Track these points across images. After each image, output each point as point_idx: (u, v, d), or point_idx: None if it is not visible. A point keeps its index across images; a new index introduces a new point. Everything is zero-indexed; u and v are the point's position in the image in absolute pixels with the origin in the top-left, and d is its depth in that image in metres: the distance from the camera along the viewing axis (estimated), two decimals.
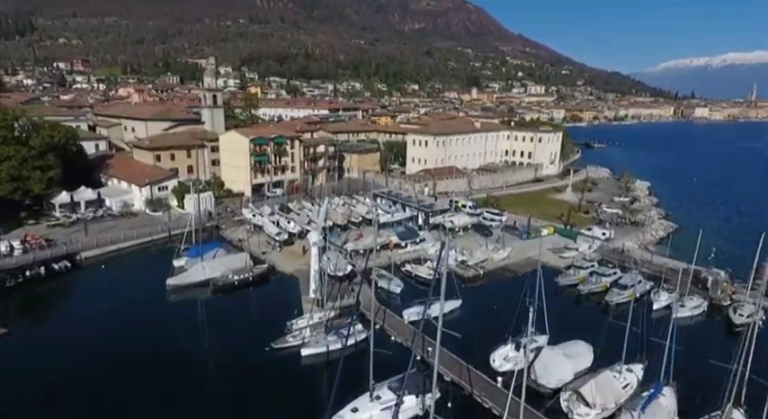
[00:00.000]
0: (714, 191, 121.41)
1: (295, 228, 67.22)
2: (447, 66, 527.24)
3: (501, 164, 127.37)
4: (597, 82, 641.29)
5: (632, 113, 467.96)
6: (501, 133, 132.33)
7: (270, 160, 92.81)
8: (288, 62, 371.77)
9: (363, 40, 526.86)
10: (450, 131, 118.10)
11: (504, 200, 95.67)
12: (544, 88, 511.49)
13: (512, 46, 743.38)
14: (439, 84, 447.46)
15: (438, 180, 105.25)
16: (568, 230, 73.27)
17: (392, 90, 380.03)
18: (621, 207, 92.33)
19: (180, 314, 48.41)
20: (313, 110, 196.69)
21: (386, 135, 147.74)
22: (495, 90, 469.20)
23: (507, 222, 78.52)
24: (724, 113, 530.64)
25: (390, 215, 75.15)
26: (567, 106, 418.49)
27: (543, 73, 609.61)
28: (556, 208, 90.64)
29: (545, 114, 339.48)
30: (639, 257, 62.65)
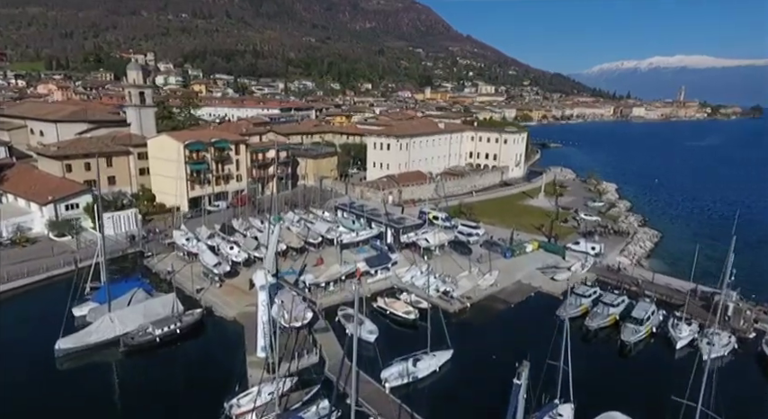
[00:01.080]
0: (679, 191, 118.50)
1: (240, 256, 54.20)
2: (400, 65, 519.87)
3: (466, 168, 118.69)
4: (542, 82, 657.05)
5: (577, 113, 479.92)
6: (465, 134, 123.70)
7: (210, 168, 78.54)
8: (235, 59, 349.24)
9: (314, 38, 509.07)
10: (414, 133, 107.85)
11: (476, 207, 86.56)
12: (494, 88, 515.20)
13: (461, 46, 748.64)
14: (392, 84, 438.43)
15: (403, 186, 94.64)
16: (555, 245, 64.67)
17: (345, 89, 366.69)
18: (597, 213, 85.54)
19: (72, 392, 34.61)
20: (263, 109, 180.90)
21: (342, 136, 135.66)
22: (448, 89, 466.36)
23: (485, 236, 69.10)
24: (658, 113, 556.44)
25: (355, 233, 63.53)
26: (518, 105, 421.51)
27: (492, 73, 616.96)
28: (532, 216, 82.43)
29: (497, 113, 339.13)
30: (639, 276, 54.56)
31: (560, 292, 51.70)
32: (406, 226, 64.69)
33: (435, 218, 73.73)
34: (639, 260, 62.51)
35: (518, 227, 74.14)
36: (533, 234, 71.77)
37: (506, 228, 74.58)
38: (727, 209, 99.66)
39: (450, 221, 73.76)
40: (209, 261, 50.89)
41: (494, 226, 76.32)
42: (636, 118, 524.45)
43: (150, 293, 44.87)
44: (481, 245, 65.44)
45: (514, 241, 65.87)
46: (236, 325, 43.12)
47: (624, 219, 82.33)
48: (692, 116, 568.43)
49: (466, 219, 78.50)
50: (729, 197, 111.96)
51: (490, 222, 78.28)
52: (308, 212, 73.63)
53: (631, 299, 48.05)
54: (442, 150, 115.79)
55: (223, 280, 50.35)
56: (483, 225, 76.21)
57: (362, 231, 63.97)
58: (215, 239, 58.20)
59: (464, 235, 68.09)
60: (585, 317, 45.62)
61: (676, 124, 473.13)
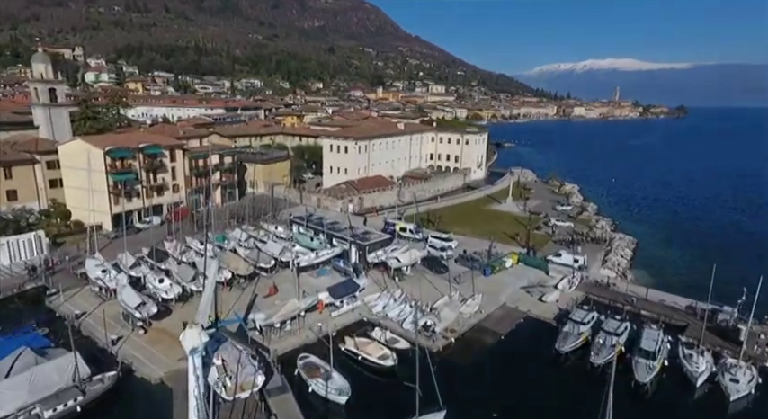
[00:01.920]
0: (637, 190, 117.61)
1: (172, 290, 43.41)
2: (350, 64, 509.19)
3: (428, 171, 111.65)
4: (489, 83, 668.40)
5: (524, 112, 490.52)
6: (425, 135, 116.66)
7: (139, 178, 66.19)
8: (176, 55, 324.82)
9: (261, 35, 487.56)
10: (373, 134, 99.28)
11: (443, 215, 79.32)
12: (444, 88, 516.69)
13: (410, 47, 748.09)
14: (344, 83, 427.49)
15: (364, 193, 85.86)
16: (535, 258, 58.29)
17: (296, 88, 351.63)
18: (567, 217, 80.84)
19: None
20: (206, 109, 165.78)
21: (295, 138, 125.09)
22: (400, 89, 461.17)
23: (458, 249, 61.85)
24: (596, 112, 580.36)
25: (314, 253, 54.05)
26: (468, 105, 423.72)
27: (441, 73, 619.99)
28: (503, 223, 76.31)
29: (449, 113, 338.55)
30: (631, 293, 48.96)
31: (552, 316, 45.17)
32: (373, 242, 55.96)
33: (403, 230, 65.69)
34: (624, 271, 57.33)
35: (492, 237, 67.56)
36: (508, 244, 65.38)
37: (479, 238, 67.85)
38: (688, 207, 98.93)
39: (421, 233, 65.95)
40: (131, 300, 39.75)
41: (465, 236, 69.31)
42: (577, 117, 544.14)
43: (45, 351, 33.40)
44: (456, 260, 57.98)
45: (492, 255, 58.97)
46: (163, 390, 32.76)
47: (596, 224, 77.91)
48: (626, 115, 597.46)
49: (435, 229, 71.10)
50: (687, 195, 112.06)
51: (461, 232, 71.26)
52: (257, 228, 63.10)
53: (632, 323, 41.99)
54: (402, 152, 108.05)
55: (149, 324, 39.46)
56: (454, 235, 69.13)
57: (323, 250, 54.59)
58: (141, 268, 46.84)
59: (437, 249, 60.40)
60: (586, 348, 39.01)
61: (613, 123, 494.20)
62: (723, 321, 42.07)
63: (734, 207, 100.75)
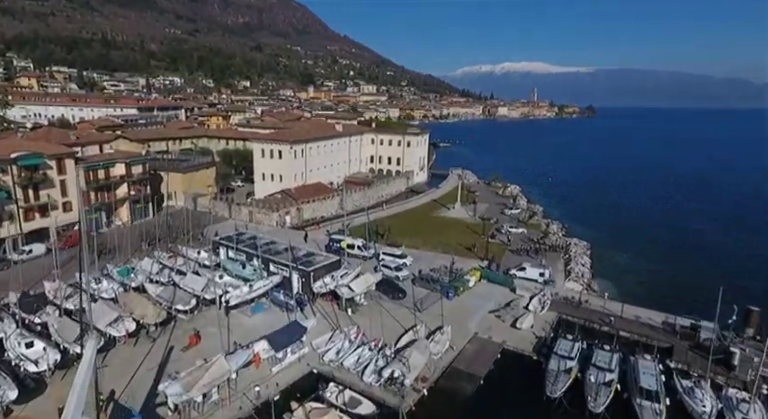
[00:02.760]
0: (572, 189, 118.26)
1: (46, 359, 31.52)
2: (279, 62, 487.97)
3: (369, 175, 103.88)
4: (418, 83, 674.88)
5: (453, 112, 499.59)
6: (365, 137, 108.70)
7: (13, 197, 51.68)
8: (79, 49, 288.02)
9: (180, 30, 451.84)
10: (309, 137, 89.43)
11: (391, 225, 71.91)
12: (375, 88, 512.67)
13: (339, 46, 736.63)
14: (273, 82, 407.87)
15: (303, 203, 76.14)
16: (499, 274, 52.50)
17: (220, 86, 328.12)
18: (518, 222, 76.99)
19: None
20: (115, 108, 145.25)
21: (221, 141, 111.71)
22: (331, 88, 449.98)
23: (412, 266, 54.77)
24: (518, 112, 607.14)
25: (248, 286, 43.97)
26: (400, 105, 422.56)
27: (372, 73, 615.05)
28: (456, 232, 70.48)
29: (383, 113, 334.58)
30: (604, 310, 44.52)
31: (531, 347, 39.20)
32: (318, 267, 46.89)
33: (350, 247, 57.30)
34: (590, 283, 53.27)
35: (453, 254, 61.25)
36: (465, 257, 59.30)
37: (433, 252, 61.43)
38: (624, 204, 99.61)
39: (371, 249, 57.92)
40: None
41: (418, 249, 62.44)
42: (501, 117, 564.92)
43: None
44: (414, 282, 50.66)
45: (453, 272, 52.43)
46: None
47: (547, 228, 74.58)
48: (544, 115, 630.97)
49: (386, 244, 63.49)
50: (619, 191, 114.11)
51: (413, 244, 64.27)
52: (175, 255, 51.36)
53: (622, 351, 37.03)
54: (342, 156, 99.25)
55: (9, 411, 27.73)
56: (405, 249, 62.00)
57: (259, 282, 44.55)
58: (4, 325, 34.20)
59: (390, 268, 52.67)
60: (577, 388, 33.26)
61: (534, 122, 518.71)
62: (707, 340, 38.40)
63: (664, 200, 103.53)
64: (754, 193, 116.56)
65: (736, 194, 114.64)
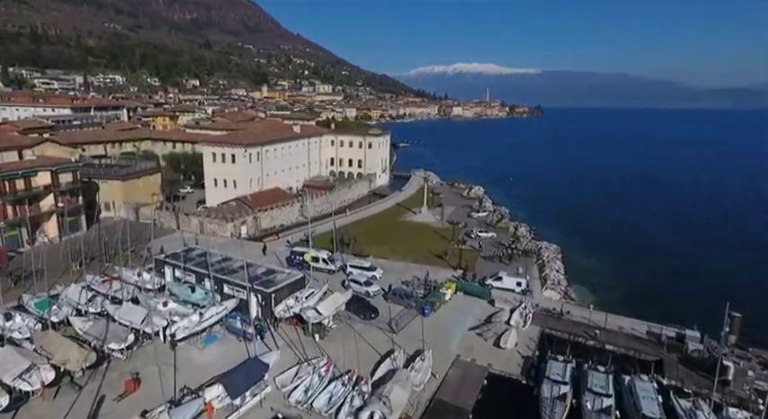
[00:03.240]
0: (535, 189, 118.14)
1: None
2: (230, 61, 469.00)
3: (331, 178, 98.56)
4: (373, 83, 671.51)
5: (409, 112, 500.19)
6: (324, 138, 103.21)
7: None
8: (4, 43, 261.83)
9: (120, 25, 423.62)
10: (266, 139, 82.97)
11: (356, 232, 67.26)
12: (331, 87, 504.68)
13: (293, 45, 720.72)
14: (224, 81, 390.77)
15: (260, 211, 69.93)
16: (475, 285, 49.13)
17: (167, 85, 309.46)
18: (486, 225, 74.57)
19: None
20: (45, 108, 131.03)
21: (167, 144, 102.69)
22: (286, 88, 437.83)
23: (382, 278, 50.54)
24: (472, 112, 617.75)
25: (197, 314, 37.91)
26: (356, 105, 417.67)
27: (327, 73, 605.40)
28: (424, 238, 66.89)
29: (339, 113, 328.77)
30: (587, 321, 42.11)
31: (519, 369, 35.89)
32: (280, 287, 41.50)
33: (315, 261, 52.15)
34: (567, 291, 51.03)
35: (416, 258, 57.58)
36: (437, 266, 55.72)
37: (403, 261, 57.45)
38: (584, 204, 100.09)
39: (337, 262, 53.04)
40: None
41: (387, 259, 58.23)
42: (456, 116, 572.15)
43: None
44: (387, 297, 46.32)
45: (427, 284, 48.62)
46: None
47: (515, 232, 72.54)
48: (496, 115, 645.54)
49: (352, 254, 58.81)
50: (575, 190, 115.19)
51: (380, 253, 59.99)
52: (110, 279, 44.18)
53: (616, 371, 34.36)
54: (300, 159, 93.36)
55: None
56: (373, 259, 57.66)
57: (211, 309, 38.56)
58: None
59: (360, 283, 48.03)
60: (575, 416, 30.19)
61: (488, 122, 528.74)
62: (695, 351, 36.68)
63: (618, 199, 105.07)
64: (708, 193, 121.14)
65: (687, 193, 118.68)
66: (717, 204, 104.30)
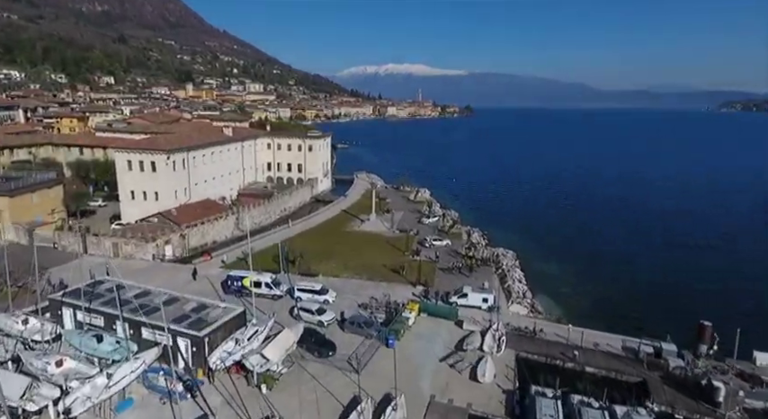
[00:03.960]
0: (479, 190, 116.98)
1: None
2: (149, 57, 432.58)
3: (268, 185, 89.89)
4: (306, 82, 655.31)
5: (344, 112, 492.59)
6: (260, 141, 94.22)
7: None
8: None
9: (17, 15, 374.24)
10: (192, 144, 72.90)
11: (301, 246, 60.08)
12: (262, 86, 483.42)
13: (219, 42, 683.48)
14: (143, 78, 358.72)
15: (188, 227, 60.45)
16: (442, 306, 44.32)
17: (76, 82, 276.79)
18: (438, 232, 70.65)
19: None
20: None
21: (73, 150, 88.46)
22: (213, 86, 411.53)
23: (336, 302, 44.41)
24: (406, 112, 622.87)
25: (105, 375, 29.22)
26: (290, 105, 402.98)
27: (257, 71, 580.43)
28: (377, 250, 61.39)
29: (272, 113, 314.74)
30: (563, 340, 38.90)
31: (502, 408, 31.37)
32: (216, 327, 33.78)
33: (257, 286, 44.67)
34: (534, 304, 47.83)
35: (371, 274, 51.98)
36: (394, 282, 50.55)
37: (358, 278, 51.63)
38: (534, 204, 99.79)
39: (283, 286, 45.91)
40: None
41: (339, 277, 52.04)
42: (391, 116, 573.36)
43: None
44: (343, 326, 40.14)
45: (388, 307, 43.14)
46: None
47: (469, 238, 69.30)
48: (429, 114, 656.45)
49: (298, 273, 51.90)
50: (521, 190, 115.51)
51: (331, 271, 53.65)
52: None
53: (610, 405, 30.86)
54: (233, 164, 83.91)
55: None
56: (323, 277, 51.30)
57: (124, 366, 29.94)
58: None
59: (311, 312, 41.37)
60: None
61: (421, 121, 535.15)
62: (676, 368, 34.46)
63: (564, 196, 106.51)
64: (632, 193, 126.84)
65: (621, 190, 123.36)
66: (642, 198, 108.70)
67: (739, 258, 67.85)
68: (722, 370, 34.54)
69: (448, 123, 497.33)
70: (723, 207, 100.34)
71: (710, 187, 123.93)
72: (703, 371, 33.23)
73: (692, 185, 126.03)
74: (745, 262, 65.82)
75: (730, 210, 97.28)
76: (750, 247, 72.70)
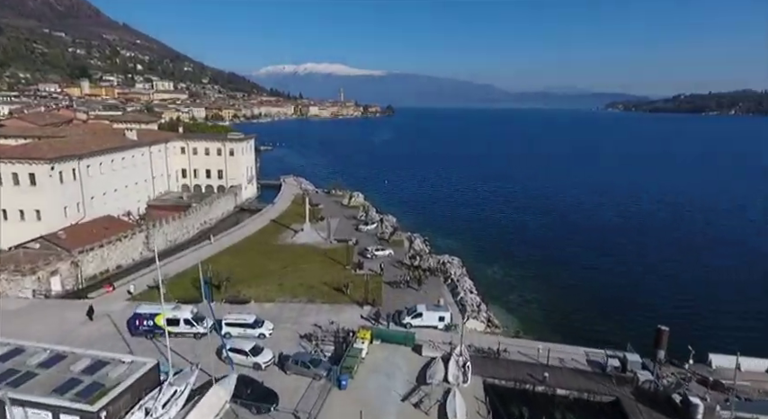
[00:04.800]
0: (415, 193, 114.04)
1: None
2: (33, 49, 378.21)
3: (184, 195, 78.86)
4: (221, 81, 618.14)
5: (264, 111, 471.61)
6: (171, 145, 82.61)
7: None
8: None
9: None
10: (86, 150, 60.55)
11: (227, 266, 51.85)
12: (172, 84, 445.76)
13: (119, 35, 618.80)
14: (26, 73, 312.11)
15: (81, 252, 49.37)
16: (398, 332, 39.20)
17: None
18: (378, 240, 65.92)
19: None
20: None
21: None
22: (114, 84, 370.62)
23: (273, 334, 37.79)
24: (328, 111, 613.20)
25: None
26: (205, 104, 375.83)
27: (166, 68, 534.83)
28: (315, 266, 55.05)
29: (185, 113, 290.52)
30: (529, 359, 35.91)
31: None
32: (116, 394, 25.57)
33: (174, 323, 36.54)
34: (490, 318, 44.55)
35: (312, 295, 45.85)
36: (339, 303, 44.82)
37: (296, 302, 45.22)
38: (467, 205, 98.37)
39: (207, 320, 38.00)
40: None
41: (274, 302, 45.15)
42: (313, 116, 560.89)
43: None
44: (285, 367, 33.57)
45: (337, 336, 37.33)
46: None
47: (411, 245, 65.30)
48: (352, 114, 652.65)
49: (225, 301, 44.11)
50: (451, 190, 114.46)
51: (265, 295, 46.56)
52: None
53: None
54: (140, 173, 72.07)
55: None
56: (256, 304, 44.19)
57: None
58: None
59: (244, 353, 34.18)
60: None
61: (343, 121, 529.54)
62: (646, 382, 32.79)
63: (492, 194, 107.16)
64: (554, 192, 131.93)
65: (539, 187, 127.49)
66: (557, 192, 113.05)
67: (680, 257, 66.62)
68: (684, 377, 33.62)
69: (371, 123, 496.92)
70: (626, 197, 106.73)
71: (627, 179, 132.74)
72: (673, 385, 31.75)
73: (598, 179, 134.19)
74: (687, 260, 65.23)
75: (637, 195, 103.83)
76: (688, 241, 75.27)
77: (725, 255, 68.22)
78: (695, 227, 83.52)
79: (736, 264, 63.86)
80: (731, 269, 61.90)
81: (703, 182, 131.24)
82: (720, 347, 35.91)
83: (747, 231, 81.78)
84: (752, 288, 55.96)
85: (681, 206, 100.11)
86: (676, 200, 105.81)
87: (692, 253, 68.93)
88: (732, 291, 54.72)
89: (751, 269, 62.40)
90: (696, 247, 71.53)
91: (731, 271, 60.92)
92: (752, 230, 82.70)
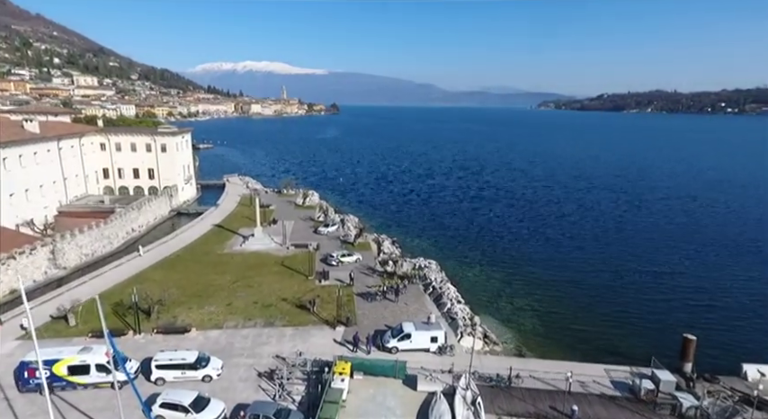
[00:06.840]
0: (372, 190, 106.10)
1: None
2: None
3: (107, 199, 65.49)
4: (153, 77, 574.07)
5: (202, 109, 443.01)
6: (88, 140, 68.81)
7: None
8: None
9: None
10: None
11: (162, 285, 41.30)
12: (97, 80, 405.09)
13: (31, 26, 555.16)
14: None
15: None
16: (387, 362, 31.12)
17: None
18: (343, 244, 57.62)
19: None
20: None
21: None
22: (26, 78, 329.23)
23: (222, 374, 28.73)
24: (271, 109, 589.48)
25: None
26: (135, 101, 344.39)
27: (89, 63, 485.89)
28: (272, 279, 45.79)
29: (112, 110, 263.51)
30: (545, 385, 29.49)
31: None
32: None
33: (82, 372, 26.35)
34: (486, 333, 37.74)
35: (270, 317, 36.94)
36: (305, 325, 36.23)
37: (250, 327, 35.92)
38: (431, 202, 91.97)
39: (132, 364, 28.06)
40: None
41: (222, 328, 35.62)
42: (256, 114, 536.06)
43: None
44: None
45: (312, 369, 28.88)
46: None
47: (380, 247, 57.61)
48: (296, 112, 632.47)
49: (156, 331, 34.06)
50: (411, 187, 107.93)
51: (210, 320, 36.92)
52: None
53: None
54: (47, 173, 58.26)
55: None
56: (198, 332, 34.62)
57: None
58: None
59: (183, 410, 24.84)
60: None
61: (288, 119, 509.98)
62: (691, 409, 27.18)
63: (452, 189, 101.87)
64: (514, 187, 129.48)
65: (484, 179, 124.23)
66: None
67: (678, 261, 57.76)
68: (725, 396, 28.62)
69: (317, 121, 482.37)
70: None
71: None
72: (728, 413, 26.38)
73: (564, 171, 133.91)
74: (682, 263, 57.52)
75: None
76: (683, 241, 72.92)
77: (737, 254, 59.94)
78: (693, 217, 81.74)
79: (755, 262, 56.31)
80: (751, 267, 54.53)
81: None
82: (754, 354, 31.51)
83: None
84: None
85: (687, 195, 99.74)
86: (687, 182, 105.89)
87: (697, 247, 62.14)
88: (761, 294, 47.02)
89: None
90: (696, 241, 65.00)
91: (752, 270, 53.61)
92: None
